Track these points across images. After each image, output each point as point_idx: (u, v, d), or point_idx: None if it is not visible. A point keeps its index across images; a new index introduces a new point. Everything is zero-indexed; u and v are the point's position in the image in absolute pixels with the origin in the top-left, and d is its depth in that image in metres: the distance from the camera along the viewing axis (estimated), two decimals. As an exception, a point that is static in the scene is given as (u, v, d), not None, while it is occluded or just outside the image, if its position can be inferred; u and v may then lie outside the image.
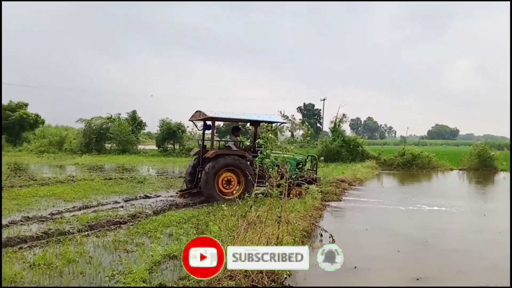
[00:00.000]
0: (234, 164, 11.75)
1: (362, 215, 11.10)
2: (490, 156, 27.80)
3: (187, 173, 13.32)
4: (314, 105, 78.64)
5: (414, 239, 8.43)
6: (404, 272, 6.41)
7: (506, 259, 7.17)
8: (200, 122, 13.46)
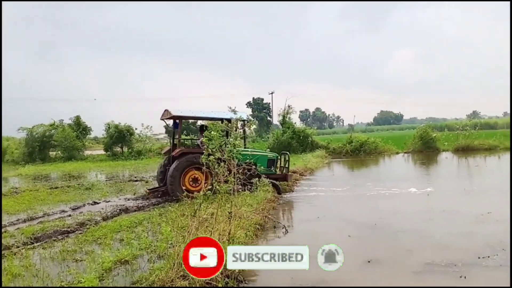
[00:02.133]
0: (199, 162, 11.62)
1: (314, 204, 11.30)
2: (432, 138, 29.00)
3: (158, 172, 13.32)
4: (263, 99, 79.09)
5: (363, 223, 8.68)
6: (355, 255, 6.57)
7: (450, 235, 7.54)
8: (171, 121, 13.38)
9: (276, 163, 13.45)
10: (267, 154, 13.68)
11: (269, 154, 13.73)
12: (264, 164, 13.00)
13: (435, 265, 5.79)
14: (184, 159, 11.77)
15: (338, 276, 5.59)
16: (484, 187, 13.05)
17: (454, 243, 7.03)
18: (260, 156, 13.19)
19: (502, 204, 10.03)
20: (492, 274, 5.34)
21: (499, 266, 5.61)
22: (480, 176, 16.55)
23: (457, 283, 5.09)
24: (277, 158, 13.50)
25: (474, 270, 5.49)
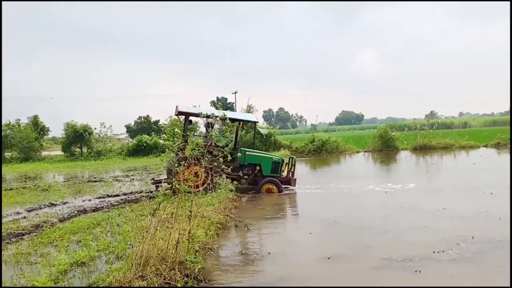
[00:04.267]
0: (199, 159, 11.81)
1: (276, 202, 11.35)
2: (391, 137, 29.76)
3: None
4: (227, 98, 78.92)
5: (325, 220, 8.78)
6: (316, 252, 6.64)
7: (407, 231, 7.73)
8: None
9: (282, 166, 13.50)
10: (272, 156, 13.79)
11: (274, 157, 13.84)
12: (269, 166, 13.15)
13: (392, 260, 5.90)
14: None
15: (298, 273, 5.64)
16: (440, 184, 13.46)
17: (411, 238, 7.20)
18: (264, 158, 13.42)
19: (457, 201, 10.40)
20: (446, 268, 5.49)
21: (453, 260, 5.78)
22: (436, 173, 17.08)
23: (413, 277, 5.21)
24: (282, 161, 13.58)
25: (429, 264, 5.63)
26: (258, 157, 13.31)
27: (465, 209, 9.20)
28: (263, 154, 13.95)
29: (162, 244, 5.34)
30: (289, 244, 7.26)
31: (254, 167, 13.11)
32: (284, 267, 5.91)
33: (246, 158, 13.07)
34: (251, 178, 12.99)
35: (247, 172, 13.13)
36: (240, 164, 12.99)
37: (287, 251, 6.76)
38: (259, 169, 13.07)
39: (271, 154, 14.26)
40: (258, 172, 13.07)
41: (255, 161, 13.14)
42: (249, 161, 13.08)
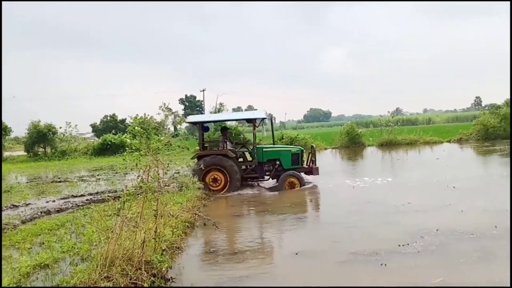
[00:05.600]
0: (215, 163, 12.19)
1: (244, 199, 11.36)
2: (358, 134, 30.26)
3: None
4: (195, 96, 78.51)
5: (292, 216, 8.83)
6: (284, 248, 6.68)
7: (373, 225, 7.87)
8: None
9: (302, 156, 13.44)
10: (291, 149, 13.71)
11: (293, 148, 13.76)
12: (288, 159, 13.07)
13: (358, 254, 5.99)
14: (201, 161, 12.13)
15: (266, 270, 5.66)
16: (405, 179, 13.75)
17: (377, 233, 7.33)
18: (283, 151, 13.36)
19: (421, 195, 10.64)
20: (410, 261, 5.61)
21: (417, 252, 5.91)
22: (401, 169, 17.46)
23: (378, 271, 5.30)
24: (302, 151, 13.52)
25: (394, 258, 5.74)
26: (276, 151, 13.29)
27: (429, 203, 9.42)
28: (281, 147, 13.92)
29: (128, 244, 5.24)
30: (257, 241, 7.28)
31: (274, 162, 13.08)
32: (251, 265, 5.91)
33: (264, 154, 13.03)
34: (273, 173, 12.98)
35: (268, 168, 13.13)
36: (259, 162, 12.96)
37: (255, 248, 6.76)
38: (279, 163, 13.02)
39: (289, 146, 14.28)
40: (279, 166, 13.03)
41: (273, 156, 13.09)
42: (268, 157, 13.05)
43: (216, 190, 12.26)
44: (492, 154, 20.60)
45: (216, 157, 12.28)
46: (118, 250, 5.03)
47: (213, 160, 12.24)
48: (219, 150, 12.82)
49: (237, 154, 12.98)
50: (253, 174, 12.99)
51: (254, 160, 12.92)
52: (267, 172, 13.10)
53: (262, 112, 13.35)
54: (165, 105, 45.93)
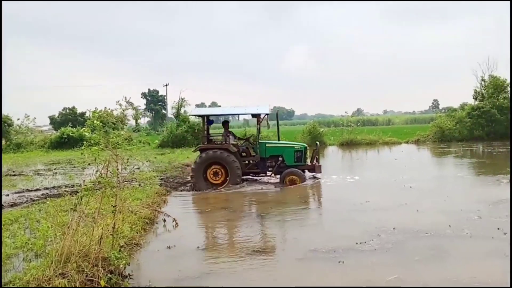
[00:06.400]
0: (216, 157, 12.21)
1: (205, 196, 11.30)
2: (319, 133, 30.66)
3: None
4: (158, 91, 77.31)
5: (252, 213, 8.86)
6: (244, 245, 6.68)
7: (332, 223, 8.00)
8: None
9: (305, 153, 13.33)
10: (294, 145, 13.53)
11: (296, 145, 13.59)
12: (291, 156, 12.96)
13: (317, 251, 6.08)
14: (204, 154, 12.23)
15: (226, 266, 5.65)
16: (364, 178, 14.03)
17: (336, 230, 7.48)
18: (286, 148, 13.20)
19: (379, 194, 10.89)
20: (367, 258, 5.74)
21: (374, 250, 6.05)
22: (361, 167, 17.82)
23: (336, 268, 5.39)
24: (305, 148, 13.40)
25: (351, 255, 5.86)
26: (279, 148, 13.18)
27: (387, 201, 9.67)
28: (285, 144, 13.74)
29: (85, 240, 5.12)
30: (218, 238, 7.28)
31: (276, 158, 12.99)
32: (212, 261, 5.90)
33: (267, 150, 12.94)
34: (276, 169, 12.91)
35: (270, 164, 13.05)
36: (262, 157, 12.87)
37: (216, 245, 6.76)
38: (282, 159, 12.92)
39: (293, 143, 14.11)
40: (282, 162, 12.94)
41: (276, 152, 13.00)
42: (271, 153, 12.96)
43: (216, 184, 12.27)
44: (447, 155, 21.35)
45: (217, 151, 12.26)
46: (74, 246, 4.91)
47: (214, 154, 12.23)
48: (221, 144, 12.83)
49: (239, 148, 12.90)
50: (255, 170, 12.95)
51: (256, 156, 12.87)
52: (270, 168, 13.04)
53: (266, 107, 13.23)
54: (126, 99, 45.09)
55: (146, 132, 46.64)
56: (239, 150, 12.78)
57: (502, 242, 6.16)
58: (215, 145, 12.72)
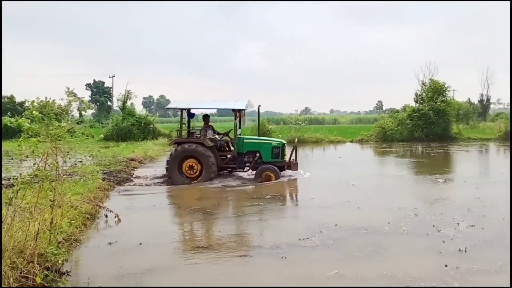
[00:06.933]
0: (191, 151, 12.16)
1: (151, 192, 11.12)
2: (268, 130, 30.93)
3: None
4: (104, 82, 75.03)
5: (199, 209, 8.81)
6: (188, 242, 6.66)
7: (278, 219, 8.11)
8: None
9: (283, 150, 13.08)
10: (272, 142, 13.35)
11: (274, 141, 13.39)
12: (269, 152, 12.77)
13: (261, 248, 6.14)
14: (180, 148, 12.25)
15: (169, 263, 5.60)
16: (309, 176, 14.27)
17: (281, 227, 7.61)
18: (264, 144, 13.00)
19: (323, 191, 11.15)
20: (309, 254, 5.88)
21: (316, 246, 6.20)
22: (306, 166, 18.12)
23: (279, 264, 5.48)
24: (283, 145, 13.14)
25: (294, 251, 5.97)
26: (257, 143, 12.99)
27: (330, 199, 9.91)
28: (263, 140, 13.54)
29: (20, 235, 4.90)
30: (162, 234, 7.15)
31: (254, 154, 12.82)
32: (154, 258, 5.81)
33: (244, 145, 12.74)
34: (253, 165, 12.73)
35: (248, 159, 12.86)
36: (239, 152, 12.69)
37: (159, 241, 6.65)
38: (259, 156, 12.75)
39: (272, 139, 13.99)
40: (259, 158, 12.77)
41: (254, 148, 12.82)
42: (248, 148, 12.78)
43: (191, 177, 12.18)
44: (389, 155, 22.18)
45: (192, 145, 12.14)
46: (8, 241, 4.68)
47: (189, 148, 12.15)
48: (197, 138, 12.71)
49: (216, 143, 12.76)
50: (232, 165, 12.84)
51: (233, 150, 12.78)
52: (247, 163, 12.93)
53: (243, 103, 13.09)
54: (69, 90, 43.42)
55: (90, 124, 45.16)
56: (216, 145, 12.73)
57: (436, 239, 6.46)
58: (191, 139, 12.63)
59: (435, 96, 31.76)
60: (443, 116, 31.07)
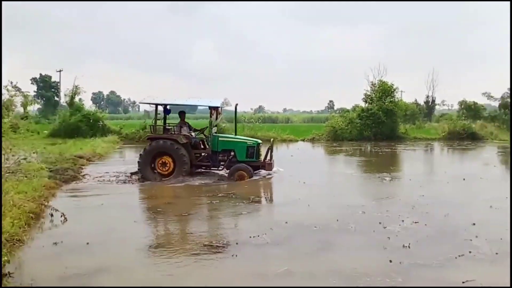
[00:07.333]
0: (163, 147, 11.99)
1: (99, 190, 10.84)
2: (222, 128, 30.86)
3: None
4: (51, 76, 72.06)
5: (149, 208, 8.71)
6: (138, 241, 6.52)
7: (229, 218, 8.13)
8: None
9: (258, 150, 12.81)
10: (247, 141, 13.05)
11: (249, 141, 13.06)
12: (243, 151, 12.51)
13: (212, 246, 6.14)
14: (154, 143, 12.05)
15: (117, 263, 5.51)
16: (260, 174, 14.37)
17: (232, 224, 7.67)
18: (238, 143, 12.75)
19: (275, 189, 11.29)
20: (259, 251, 5.96)
21: (266, 243, 6.27)
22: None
23: (229, 261, 5.51)
24: (257, 145, 12.83)
25: (245, 248, 6.02)
26: (231, 142, 12.78)
27: (281, 196, 10.07)
28: (237, 138, 13.24)
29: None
30: (111, 233, 7.01)
31: (228, 153, 12.59)
32: (102, 258, 5.70)
33: (219, 144, 12.50)
34: (227, 164, 12.52)
35: (222, 158, 12.62)
36: (214, 151, 12.43)
37: (108, 240, 6.53)
38: (234, 154, 12.52)
39: (246, 138, 13.69)
40: (233, 157, 12.54)
41: (228, 147, 12.60)
42: (223, 146, 12.55)
43: (164, 174, 12.00)
44: (339, 153, 22.72)
45: (166, 142, 11.93)
46: None
47: (161, 144, 11.95)
48: (170, 134, 12.50)
49: (191, 140, 12.51)
50: (206, 163, 12.63)
51: (207, 148, 12.58)
52: (222, 162, 12.74)
53: (219, 100, 13.01)
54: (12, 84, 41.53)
55: (36, 120, 43.43)
56: (191, 142, 12.55)
57: (382, 235, 6.69)
58: (165, 135, 12.44)
59: (384, 97, 32.74)
60: (391, 116, 32.10)
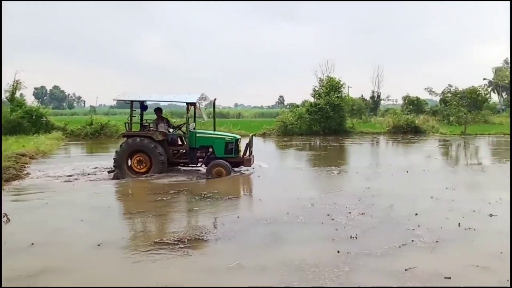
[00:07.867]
0: (139, 145, 11.85)
1: (43, 189, 10.48)
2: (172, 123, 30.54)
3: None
4: (-12, 71, 68.43)
5: (98, 206, 8.51)
6: (85, 240, 6.37)
7: (181, 214, 8.10)
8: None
9: (237, 145, 12.49)
10: (225, 137, 12.73)
11: (227, 136, 12.75)
12: (221, 147, 12.26)
13: (164, 243, 6.08)
14: (130, 141, 11.92)
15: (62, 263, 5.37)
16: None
17: (184, 221, 7.64)
18: (216, 139, 12.46)
19: (228, 184, 11.30)
20: (210, 247, 5.99)
21: (218, 239, 6.30)
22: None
23: (181, 258, 5.50)
24: (236, 140, 12.49)
25: (196, 244, 6.01)
26: (209, 138, 12.49)
27: (233, 191, 10.12)
28: (215, 134, 12.95)
29: None
30: (57, 232, 6.80)
31: (207, 149, 12.28)
32: (47, 258, 5.53)
33: (197, 140, 12.20)
34: (205, 160, 12.24)
35: (200, 154, 12.30)
36: (191, 147, 12.11)
37: (53, 240, 6.34)
38: (212, 150, 12.21)
39: (225, 134, 13.45)
40: (212, 154, 12.22)
41: (206, 143, 12.31)
42: (201, 143, 12.26)
43: (140, 172, 11.87)
44: (289, 148, 23.10)
45: (142, 139, 11.67)
46: None
47: (137, 142, 11.72)
48: (146, 131, 12.19)
49: (167, 137, 12.21)
50: (183, 159, 12.38)
51: (185, 145, 12.37)
52: (200, 158, 12.47)
53: (195, 96, 12.56)
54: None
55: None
56: (168, 139, 12.29)
57: (330, 227, 6.88)
58: (140, 132, 12.19)
59: (331, 92, 33.50)
60: (338, 111, 32.90)
